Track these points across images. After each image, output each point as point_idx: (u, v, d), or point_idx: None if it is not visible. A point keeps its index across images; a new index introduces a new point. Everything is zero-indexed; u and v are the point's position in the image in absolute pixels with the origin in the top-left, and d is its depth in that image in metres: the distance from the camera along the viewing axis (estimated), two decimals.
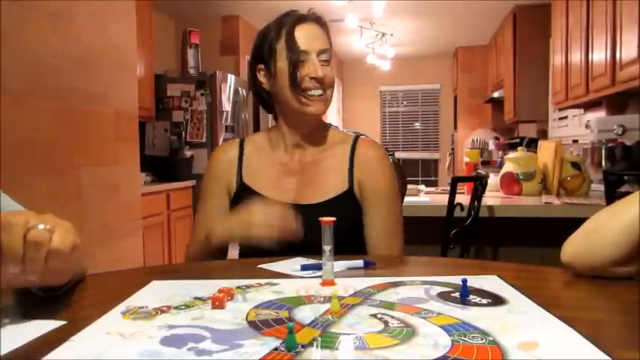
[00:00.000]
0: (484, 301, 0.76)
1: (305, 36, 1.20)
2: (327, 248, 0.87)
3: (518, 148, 2.86)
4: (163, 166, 4.40)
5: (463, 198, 2.36)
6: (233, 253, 1.19)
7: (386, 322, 0.67)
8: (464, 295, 0.77)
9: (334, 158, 1.25)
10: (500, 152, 5.81)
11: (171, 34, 5.37)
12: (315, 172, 1.24)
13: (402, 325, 0.66)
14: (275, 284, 0.87)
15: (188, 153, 4.49)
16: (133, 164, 3.10)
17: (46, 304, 0.79)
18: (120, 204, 2.91)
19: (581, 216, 0.96)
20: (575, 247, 0.89)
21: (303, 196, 1.21)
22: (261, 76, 1.25)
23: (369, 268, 0.99)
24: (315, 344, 0.61)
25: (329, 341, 0.61)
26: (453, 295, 0.79)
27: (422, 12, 5.72)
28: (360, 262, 0.99)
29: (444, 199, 2.23)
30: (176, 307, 0.75)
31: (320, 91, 1.20)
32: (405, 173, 1.32)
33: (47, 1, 2.34)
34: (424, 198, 2.65)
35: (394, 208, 1.25)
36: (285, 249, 1.05)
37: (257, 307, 0.75)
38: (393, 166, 1.29)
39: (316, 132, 1.28)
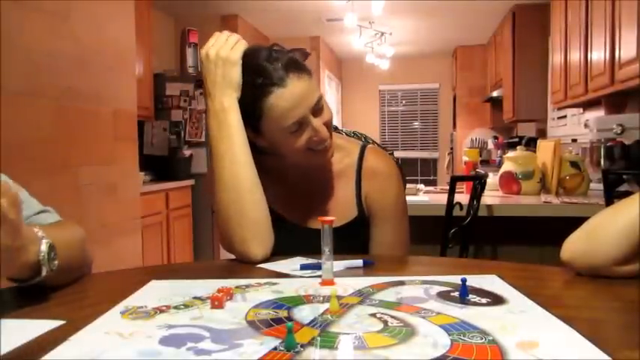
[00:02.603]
0: (483, 300, 0.76)
1: (293, 103, 1.03)
2: (326, 248, 0.87)
3: (517, 148, 2.86)
4: (162, 165, 4.40)
5: (462, 197, 2.36)
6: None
7: (385, 322, 0.67)
8: (463, 295, 0.77)
9: (341, 177, 1.20)
10: (499, 151, 5.82)
11: (170, 33, 5.37)
12: (323, 194, 1.19)
13: (401, 324, 0.66)
14: (274, 284, 0.87)
15: (187, 152, 4.49)
16: (132, 163, 3.10)
17: (45, 303, 0.79)
18: (119, 203, 2.90)
19: (581, 215, 0.96)
20: (575, 246, 0.89)
21: (312, 220, 1.16)
22: (254, 138, 1.11)
23: (368, 267, 0.99)
24: (314, 344, 0.60)
25: (328, 341, 0.61)
26: (452, 294, 0.79)
27: (421, 11, 5.72)
28: (359, 262, 0.99)
29: (442, 199, 2.23)
30: (175, 307, 0.75)
31: (325, 144, 1.09)
32: (404, 172, 1.31)
33: (45, 0, 2.34)
34: (423, 197, 2.65)
35: (400, 223, 1.22)
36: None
37: (256, 306, 0.75)
38: (401, 176, 1.24)
39: None
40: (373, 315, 0.70)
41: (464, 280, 0.78)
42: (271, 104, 1.03)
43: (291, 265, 1.00)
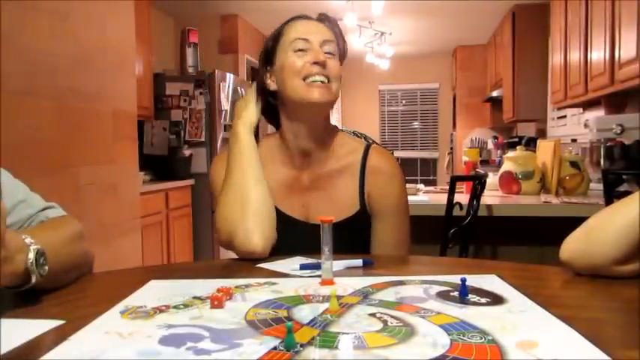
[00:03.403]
0: (483, 300, 0.76)
1: (307, 27, 1.20)
2: (325, 248, 0.87)
3: (517, 147, 2.86)
4: (162, 165, 4.39)
5: (462, 197, 2.36)
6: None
7: (385, 322, 0.67)
8: (463, 295, 0.77)
9: (345, 173, 1.21)
10: (499, 151, 5.82)
11: (169, 33, 5.36)
12: (326, 189, 1.20)
13: (401, 324, 0.66)
14: (274, 283, 0.87)
15: (187, 152, 4.48)
16: (132, 163, 3.10)
17: (45, 303, 0.79)
18: (118, 203, 2.90)
19: (580, 215, 0.96)
20: (574, 246, 0.89)
21: (314, 215, 1.17)
22: (268, 78, 1.22)
23: (367, 267, 0.99)
24: (314, 344, 0.60)
25: (328, 340, 0.61)
26: (452, 294, 0.79)
27: (421, 11, 5.71)
28: (358, 262, 0.99)
29: (442, 198, 2.23)
30: (175, 307, 0.75)
31: (323, 78, 1.14)
32: (404, 172, 1.31)
33: (45, 0, 2.34)
34: (423, 197, 2.65)
35: (402, 222, 1.23)
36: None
37: (256, 306, 0.75)
38: (403, 176, 1.26)
39: (324, 137, 1.21)
40: (373, 315, 0.70)
41: (463, 280, 0.78)
42: (291, 25, 1.22)
43: (290, 264, 1.00)
